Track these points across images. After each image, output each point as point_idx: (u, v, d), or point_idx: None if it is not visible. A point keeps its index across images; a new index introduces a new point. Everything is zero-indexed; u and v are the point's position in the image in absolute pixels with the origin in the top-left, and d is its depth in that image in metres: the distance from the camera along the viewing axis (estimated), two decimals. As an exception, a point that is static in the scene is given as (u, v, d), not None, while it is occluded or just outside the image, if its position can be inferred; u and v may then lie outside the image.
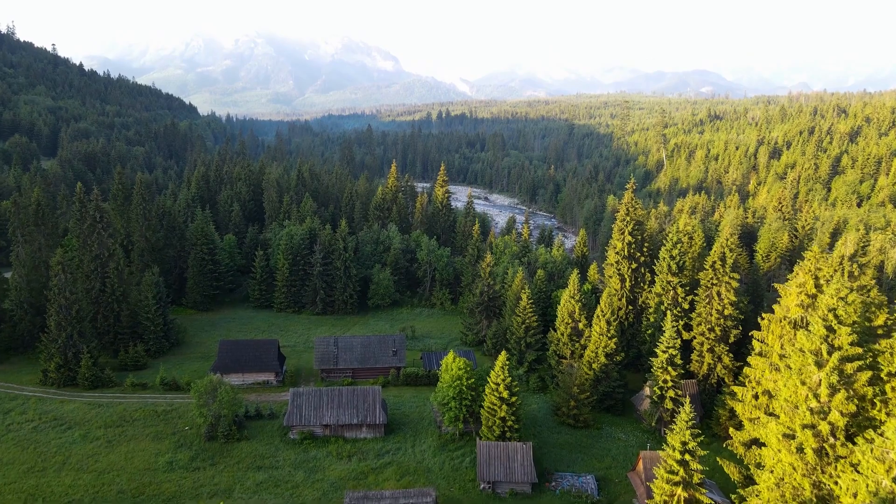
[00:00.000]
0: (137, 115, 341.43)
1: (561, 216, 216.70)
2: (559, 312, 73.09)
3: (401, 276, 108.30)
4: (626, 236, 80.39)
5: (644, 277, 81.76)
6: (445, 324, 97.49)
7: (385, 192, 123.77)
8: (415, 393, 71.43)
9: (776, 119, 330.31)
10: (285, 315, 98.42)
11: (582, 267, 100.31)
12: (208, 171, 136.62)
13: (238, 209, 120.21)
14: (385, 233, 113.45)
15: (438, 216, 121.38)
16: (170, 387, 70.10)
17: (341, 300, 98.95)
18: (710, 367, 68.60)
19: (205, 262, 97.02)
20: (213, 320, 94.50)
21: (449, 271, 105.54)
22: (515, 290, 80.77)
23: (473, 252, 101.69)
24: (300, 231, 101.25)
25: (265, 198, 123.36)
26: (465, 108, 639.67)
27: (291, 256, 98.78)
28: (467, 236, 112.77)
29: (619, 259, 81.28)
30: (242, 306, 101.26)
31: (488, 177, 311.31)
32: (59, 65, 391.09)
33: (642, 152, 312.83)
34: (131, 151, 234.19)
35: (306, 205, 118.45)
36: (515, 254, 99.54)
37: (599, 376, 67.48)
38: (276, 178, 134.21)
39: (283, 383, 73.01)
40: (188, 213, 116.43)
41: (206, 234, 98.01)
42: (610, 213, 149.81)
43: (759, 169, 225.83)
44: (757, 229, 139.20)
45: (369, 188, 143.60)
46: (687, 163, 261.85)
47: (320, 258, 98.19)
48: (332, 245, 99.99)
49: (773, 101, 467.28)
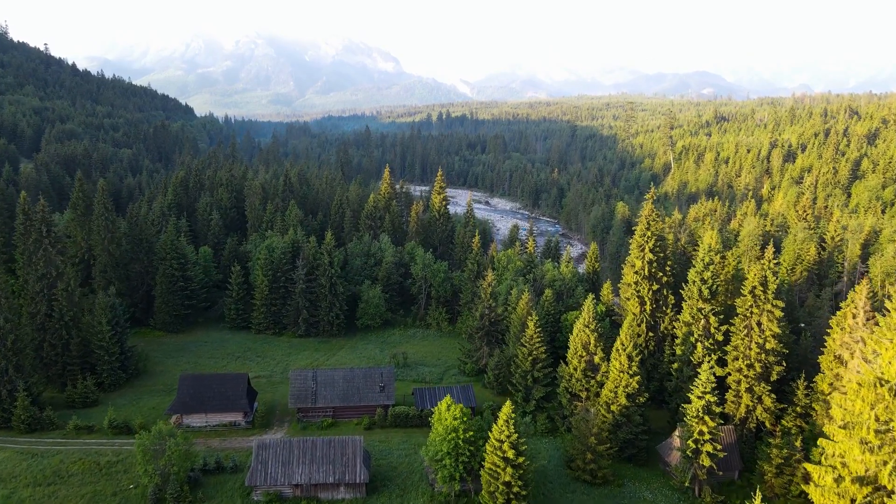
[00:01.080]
0: (130, 115, 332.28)
1: (565, 222, 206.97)
2: (571, 343, 63.37)
3: (393, 293, 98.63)
4: (646, 254, 70.69)
5: (667, 300, 72.02)
6: (442, 348, 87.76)
7: (377, 200, 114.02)
8: (405, 437, 61.73)
9: (785, 121, 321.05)
10: (264, 338, 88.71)
11: (593, 284, 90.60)
12: (188, 177, 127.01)
13: (218, 218, 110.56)
14: (377, 244, 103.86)
15: (435, 226, 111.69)
16: (120, 430, 60.43)
17: (326, 321, 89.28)
18: (748, 410, 58.86)
19: (174, 279, 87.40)
20: (183, 344, 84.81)
21: (446, 288, 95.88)
22: (520, 315, 71.09)
23: (473, 267, 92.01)
24: (281, 244, 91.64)
25: (247, 206, 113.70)
26: (465, 110, 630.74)
27: (271, 272, 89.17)
28: (467, 248, 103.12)
29: (638, 279, 71.57)
30: (217, 327, 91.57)
31: (489, 180, 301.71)
32: (52, 65, 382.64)
33: (648, 155, 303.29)
34: (117, 154, 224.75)
35: (291, 213, 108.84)
36: (519, 270, 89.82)
37: (619, 421, 57.73)
38: (262, 184, 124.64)
39: (254, 424, 63.32)
40: (163, 222, 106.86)
41: (177, 248, 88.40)
42: (620, 221, 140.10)
43: (772, 173, 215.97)
44: (779, 239, 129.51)
45: (362, 194, 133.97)
46: (696, 166, 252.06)
47: (303, 274, 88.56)
48: (316, 259, 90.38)
49: (777, 103, 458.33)
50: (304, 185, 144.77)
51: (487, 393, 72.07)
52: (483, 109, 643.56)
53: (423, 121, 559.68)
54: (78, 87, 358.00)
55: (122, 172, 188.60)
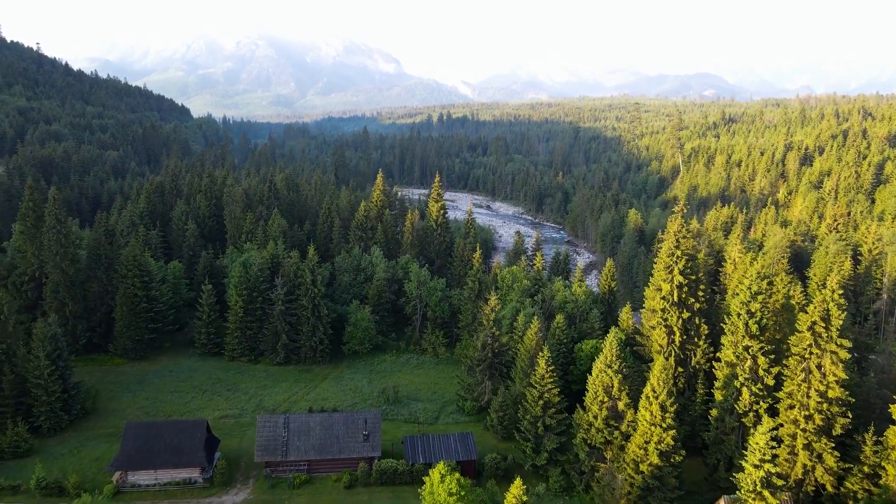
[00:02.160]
0: (122, 116, 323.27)
1: (571, 228, 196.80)
2: (591, 386, 53.27)
3: (385, 313, 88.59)
4: (675, 277, 60.59)
5: (699, 330, 61.96)
6: (438, 378, 77.67)
7: (368, 209, 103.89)
8: (392, 497, 51.76)
9: (795, 122, 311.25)
10: (238, 366, 78.63)
11: (609, 306, 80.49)
12: (164, 182, 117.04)
13: (194, 228, 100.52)
14: (367, 258, 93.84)
15: (432, 237, 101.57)
16: (50, 491, 50.47)
17: (308, 347, 79.24)
18: (805, 470, 48.80)
19: (137, 299, 77.42)
20: (145, 374, 74.80)
21: (444, 308, 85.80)
22: (529, 347, 61.00)
23: (474, 285, 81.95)
24: (259, 259, 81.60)
25: (226, 214, 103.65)
26: (466, 111, 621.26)
27: (247, 292, 79.14)
28: (467, 263, 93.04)
29: (665, 306, 61.49)
30: (186, 353, 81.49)
31: (491, 183, 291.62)
32: (45, 64, 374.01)
33: (655, 157, 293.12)
34: (102, 156, 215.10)
35: (274, 224, 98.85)
36: (526, 289, 79.74)
37: (650, 484, 47.70)
38: (245, 190, 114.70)
39: (213, 482, 53.28)
40: (131, 233, 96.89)
41: (140, 264, 78.40)
42: (632, 230, 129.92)
43: (788, 177, 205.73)
44: (807, 251, 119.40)
45: (355, 200, 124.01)
46: (706, 169, 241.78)
47: (282, 294, 78.53)
48: (298, 277, 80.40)
49: (782, 104, 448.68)
50: (293, 191, 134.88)
51: (490, 438, 62.03)
52: (484, 110, 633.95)
53: (423, 122, 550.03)
54: (69, 87, 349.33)
55: (103, 176, 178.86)
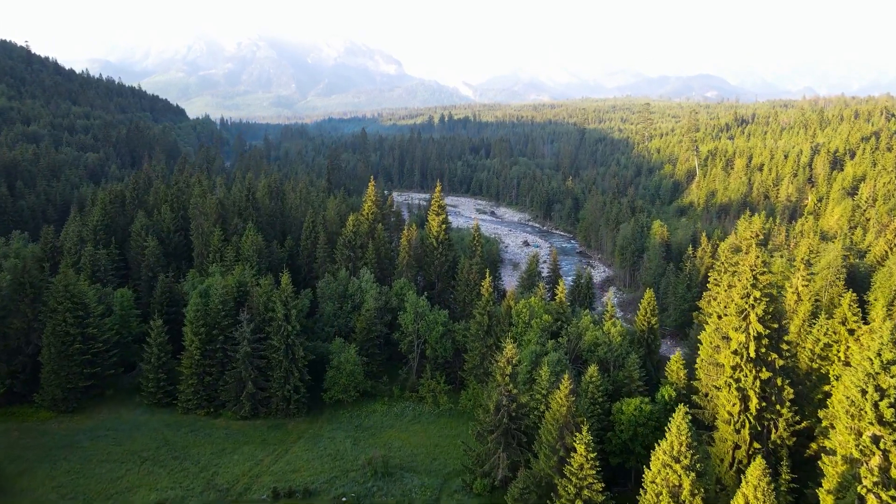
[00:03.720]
0: (109, 117, 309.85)
1: (583, 238, 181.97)
2: (650, 486, 38.59)
3: (374, 350, 73.95)
4: (752, 325, 45.96)
5: (782, 394, 47.30)
6: (440, 436, 63.03)
7: (358, 223, 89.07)
8: None
9: (813, 123, 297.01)
10: (192, 421, 64.00)
11: (649, 348, 65.80)
12: (124, 191, 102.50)
13: (155, 246, 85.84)
14: (355, 283, 79.23)
15: (433, 257, 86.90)
16: None
17: (280, 396, 64.67)
18: None
19: (70, 338, 62.95)
20: (74, 434, 60.20)
21: (446, 346, 71.26)
22: (558, 416, 46.29)
23: (483, 320, 67.39)
24: (220, 289, 67.00)
25: (192, 229, 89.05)
26: (468, 112, 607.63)
27: (205, 329, 64.60)
28: (473, 288, 78.47)
29: (738, 362, 46.89)
30: (132, 403, 66.83)
31: (495, 187, 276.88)
32: (34, 63, 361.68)
33: (668, 160, 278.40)
34: (80, 159, 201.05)
35: (248, 240, 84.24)
36: (546, 327, 65.08)
37: None
38: (220, 199, 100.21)
39: None
40: (78, 252, 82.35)
41: (74, 294, 63.90)
42: (658, 244, 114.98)
43: (817, 182, 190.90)
44: (859, 270, 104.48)
45: (345, 210, 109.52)
46: (724, 173, 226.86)
47: (249, 332, 63.97)
48: (269, 311, 65.90)
49: (790, 105, 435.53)
50: (278, 200, 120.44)
51: (507, 534, 47.39)
52: (486, 112, 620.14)
53: (424, 123, 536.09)
54: (57, 86, 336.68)
55: (76, 181, 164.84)
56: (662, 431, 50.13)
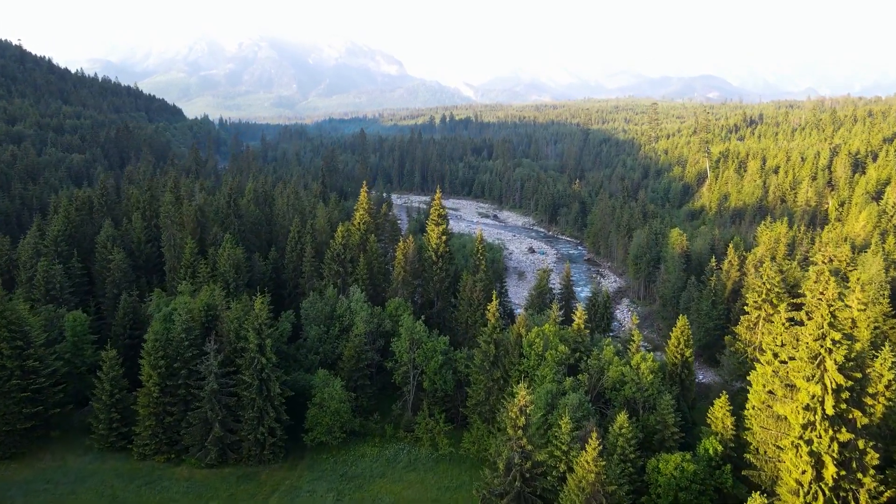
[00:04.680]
0: (102, 117, 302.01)
1: (591, 244, 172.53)
2: None
3: (365, 382, 64.76)
4: (828, 373, 36.77)
5: (864, 460, 38.10)
6: (438, 490, 53.77)
7: (348, 234, 79.76)
8: None
9: (826, 123, 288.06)
10: (150, 469, 54.84)
11: (683, 384, 56.49)
12: (92, 196, 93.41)
13: (121, 260, 76.73)
14: (344, 303, 70.08)
15: (432, 272, 77.67)
16: None
17: (253, 440, 55.51)
18: None
19: (6, 372, 53.88)
20: (8, 488, 51.02)
21: (446, 377, 62.03)
22: (585, 484, 37.16)
23: (489, 349, 58.20)
24: (184, 313, 57.82)
25: (164, 241, 79.92)
26: (469, 112, 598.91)
27: (165, 361, 55.46)
28: (476, 308, 69.27)
29: (810, 419, 37.69)
30: (80, 446, 57.57)
31: (498, 189, 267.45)
32: (27, 62, 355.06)
33: (677, 162, 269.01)
34: (64, 160, 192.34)
35: (224, 254, 75.12)
36: (563, 359, 55.83)
37: None
38: (200, 206, 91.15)
39: None
40: (33, 266, 73.23)
41: (10, 321, 54.80)
42: (678, 255, 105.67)
43: (837, 186, 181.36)
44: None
45: (336, 217, 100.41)
46: (738, 176, 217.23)
47: (216, 365, 54.85)
48: (239, 341, 56.79)
49: (795, 106, 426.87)
50: (266, 206, 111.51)
51: None
52: (488, 112, 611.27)
53: (425, 123, 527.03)
54: (49, 85, 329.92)
55: (56, 184, 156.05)
56: (708, 496, 41.11)
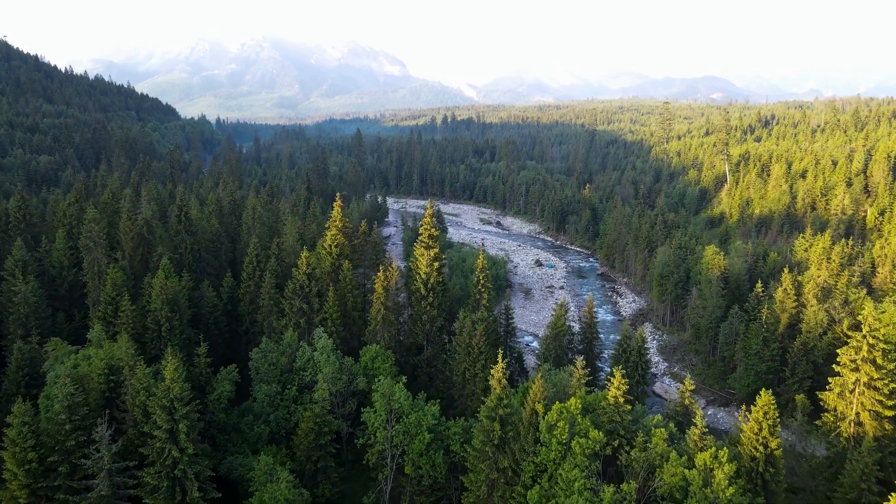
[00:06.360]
0: (85, 116, 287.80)
1: (605, 256, 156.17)
2: None
3: (328, 463, 48.71)
4: None
5: None
6: None
7: (314, 261, 63.61)
8: None
9: (849, 124, 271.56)
10: None
11: (766, 486, 40.10)
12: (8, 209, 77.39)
13: (29, 292, 60.86)
14: (306, 351, 54.08)
15: (420, 308, 61.68)
16: None
17: (161, 563, 39.53)
18: None
19: None
20: None
21: (435, 460, 45.98)
22: None
23: (492, 427, 42.27)
24: (67, 385, 41.77)
25: (85, 268, 64.06)
26: (471, 113, 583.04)
27: (37, 454, 39.49)
28: (476, 359, 53.24)
29: None
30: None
31: (501, 194, 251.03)
32: (13, 59, 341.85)
33: (692, 165, 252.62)
34: (31, 162, 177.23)
35: (156, 287, 59.10)
36: (595, 453, 39.65)
37: None
38: (147, 220, 75.41)
39: None
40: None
41: None
42: (715, 277, 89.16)
43: (876, 192, 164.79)
44: None
45: (311, 234, 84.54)
46: (761, 180, 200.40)
47: (108, 459, 38.86)
48: (147, 421, 40.82)
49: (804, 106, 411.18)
50: (234, 218, 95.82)
51: None
52: (490, 112, 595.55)
53: (426, 124, 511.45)
54: (33, 83, 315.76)
55: (10, 188, 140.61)
56: None
